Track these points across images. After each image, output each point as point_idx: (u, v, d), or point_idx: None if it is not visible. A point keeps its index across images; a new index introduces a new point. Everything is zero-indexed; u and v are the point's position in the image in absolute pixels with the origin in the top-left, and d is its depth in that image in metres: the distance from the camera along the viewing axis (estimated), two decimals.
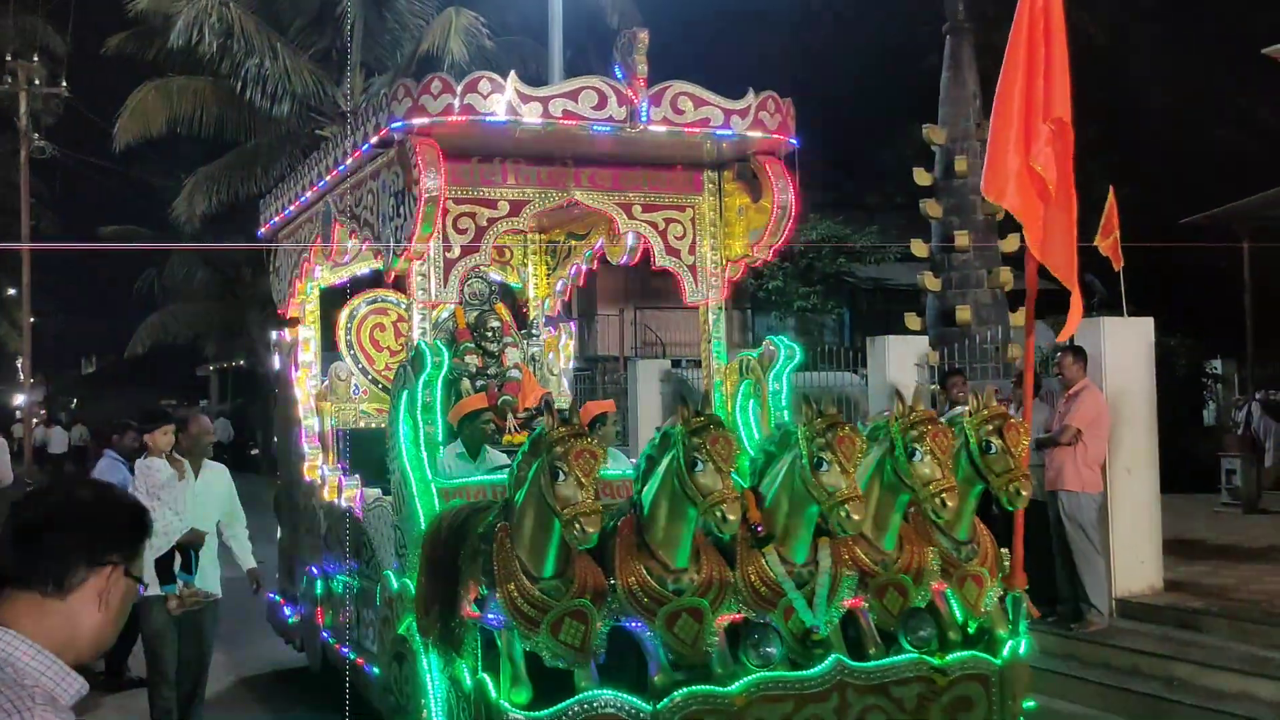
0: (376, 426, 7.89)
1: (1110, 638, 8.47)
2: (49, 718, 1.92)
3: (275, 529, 9.18)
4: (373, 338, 8.81)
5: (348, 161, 6.89)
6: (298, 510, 8.47)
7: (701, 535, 5.11)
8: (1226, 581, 9.44)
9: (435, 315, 7.28)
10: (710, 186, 7.00)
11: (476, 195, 6.51)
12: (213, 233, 23.77)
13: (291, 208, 8.29)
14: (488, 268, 8.36)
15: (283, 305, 8.72)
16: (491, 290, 8.65)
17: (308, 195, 7.80)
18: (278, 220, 8.75)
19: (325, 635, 7.76)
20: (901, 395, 5.80)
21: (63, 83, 27.04)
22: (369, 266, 8.47)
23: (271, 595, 8.88)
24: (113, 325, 37.85)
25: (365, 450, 7.44)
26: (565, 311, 9.42)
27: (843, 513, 4.87)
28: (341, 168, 7.01)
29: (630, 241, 7.51)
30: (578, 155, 6.66)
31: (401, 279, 6.60)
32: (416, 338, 6.23)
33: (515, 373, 8.10)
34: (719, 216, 7.00)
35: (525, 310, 9.19)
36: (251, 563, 7.28)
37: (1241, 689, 7.45)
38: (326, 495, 7.68)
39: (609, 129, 6.17)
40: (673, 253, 6.92)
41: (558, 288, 8.96)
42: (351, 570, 7.07)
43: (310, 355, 8.55)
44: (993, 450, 5.45)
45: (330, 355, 8.84)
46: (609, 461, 5.41)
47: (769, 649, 5.04)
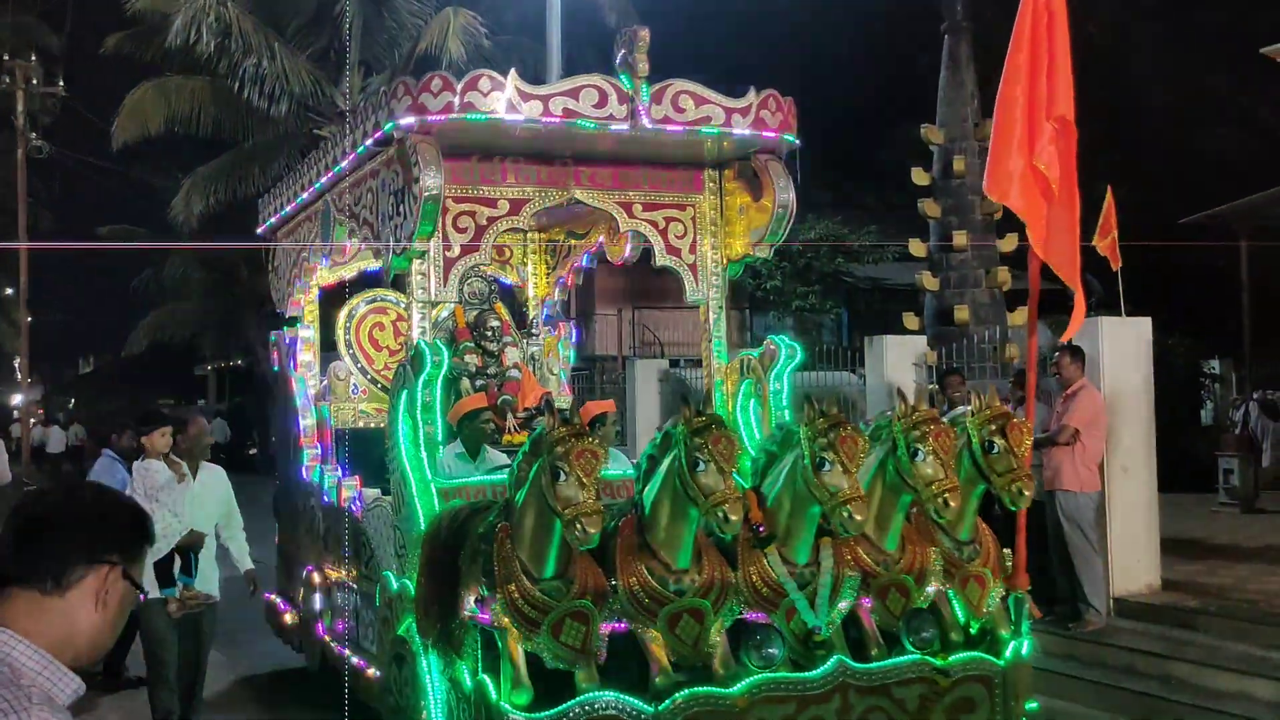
0: (376, 426, 7.87)
1: (1108, 637, 8.47)
2: (46, 717, 1.91)
3: (274, 529, 9.16)
4: (372, 337, 8.80)
5: (347, 160, 6.87)
6: (297, 510, 8.45)
7: (703, 536, 5.10)
8: (1224, 581, 9.44)
9: (435, 314, 7.26)
10: (711, 185, 6.98)
11: (476, 194, 6.49)
12: (210, 232, 23.72)
13: (290, 206, 8.26)
14: (487, 267, 8.34)
15: (282, 304, 8.71)
16: (491, 289, 8.63)
17: (307, 194, 7.77)
18: (276, 219, 8.72)
19: (323, 634, 7.74)
20: (904, 395, 5.78)
21: (60, 82, 27.03)
22: (367, 265, 8.45)
23: (270, 596, 8.86)
24: (110, 325, 37.88)
25: (364, 450, 7.42)
26: (563, 311, 9.40)
27: (845, 513, 4.85)
28: (341, 166, 6.99)
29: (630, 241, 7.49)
30: (578, 154, 6.64)
31: (401, 278, 6.57)
32: (416, 337, 6.21)
33: (515, 372, 8.08)
34: (720, 215, 6.98)
35: (525, 309, 9.17)
36: (249, 564, 7.27)
37: (1239, 688, 7.45)
38: (325, 495, 7.66)
39: (610, 127, 6.15)
40: (673, 252, 6.90)
41: (557, 286, 8.94)
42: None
43: (309, 355, 8.53)
44: (995, 450, 5.44)
45: (329, 355, 8.82)
46: (609, 461, 5.39)
47: (771, 650, 5.03)
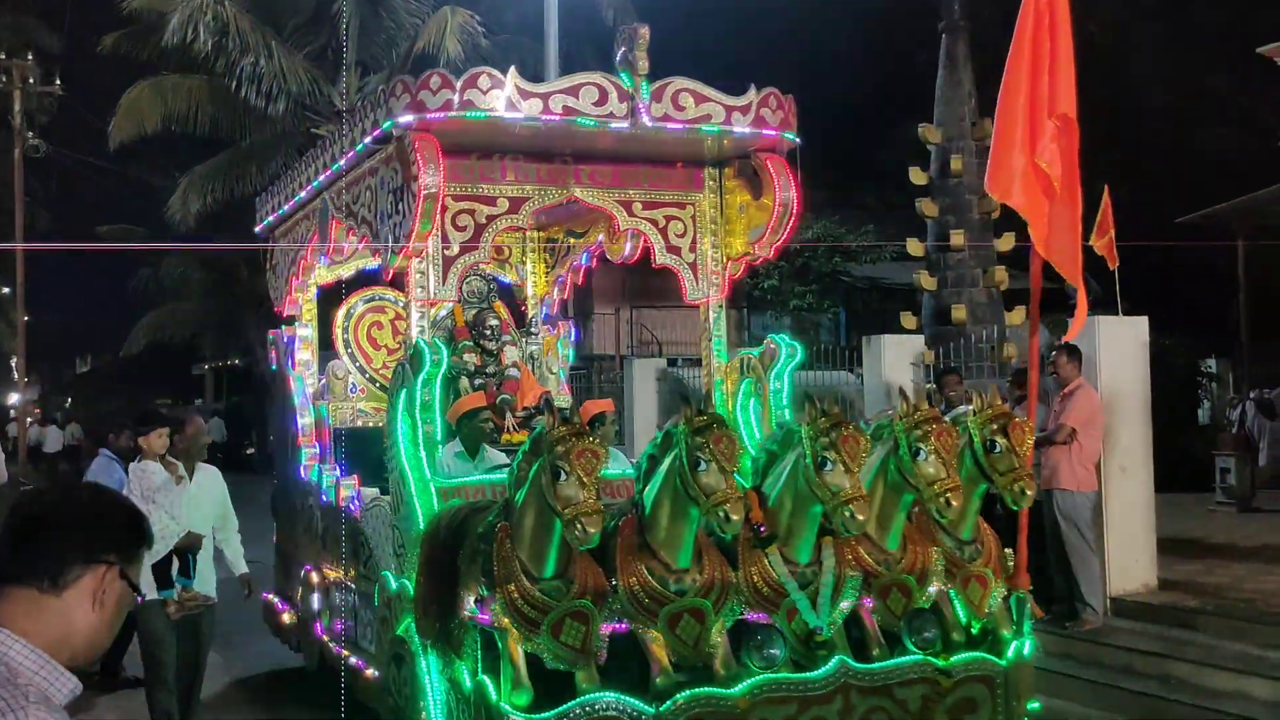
0: (374, 425, 7.84)
1: (1105, 636, 8.46)
2: (43, 716, 1.91)
3: (272, 529, 9.13)
4: (370, 336, 8.77)
5: (345, 158, 6.84)
6: (295, 510, 8.42)
7: (704, 535, 5.08)
8: (1221, 580, 9.43)
9: (434, 313, 7.23)
10: (711, 183, 6.96)
11: (476, 192, 6.47)
12: (208, 232, 23.69)
13: (289, 205, 8.23)
14: (486, 265, 8.32)
15: (280, 303, 8.68)
16: (490, 288, 8.60)
17: (305, 192, 7.74)
18: (274, 218, 8.70)
19: (321, 634, 7.71)
20: (906, 394, 5.77)
21: (57, 81, 26.96)
22: (366, 263, 8.42)
23: (268, 595, 8.83)
24: (108, 324, 37.80)
25: (363, 449, 7.40)
26: (562, 310, 9.38)
27: (847, 513, 4.84)
28: (339, 164, 6.96)
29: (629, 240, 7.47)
30: (577, 152, 6.62)
31: (400, 277, 6.55)
32: (415, 336, 6.19)
33: (514, 371, 8.06)
34: (720, 214, 6.96)
35: (524, 308, 9.15)
36: (244, 567, 7.24)
37: (1236, 688, 7.44)
38: (324, 494, 7.63)
39: (610, 125, 6.13)
40: (673, 250, 6.88)
41: (558, 285, 8.92)
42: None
43: (307, 354, 8.50)
44: (997, 449, 5.42)
45: (327, 354, 8.79)
46: (609, 461, 5.37)
47: (772, 650, 5.01)
